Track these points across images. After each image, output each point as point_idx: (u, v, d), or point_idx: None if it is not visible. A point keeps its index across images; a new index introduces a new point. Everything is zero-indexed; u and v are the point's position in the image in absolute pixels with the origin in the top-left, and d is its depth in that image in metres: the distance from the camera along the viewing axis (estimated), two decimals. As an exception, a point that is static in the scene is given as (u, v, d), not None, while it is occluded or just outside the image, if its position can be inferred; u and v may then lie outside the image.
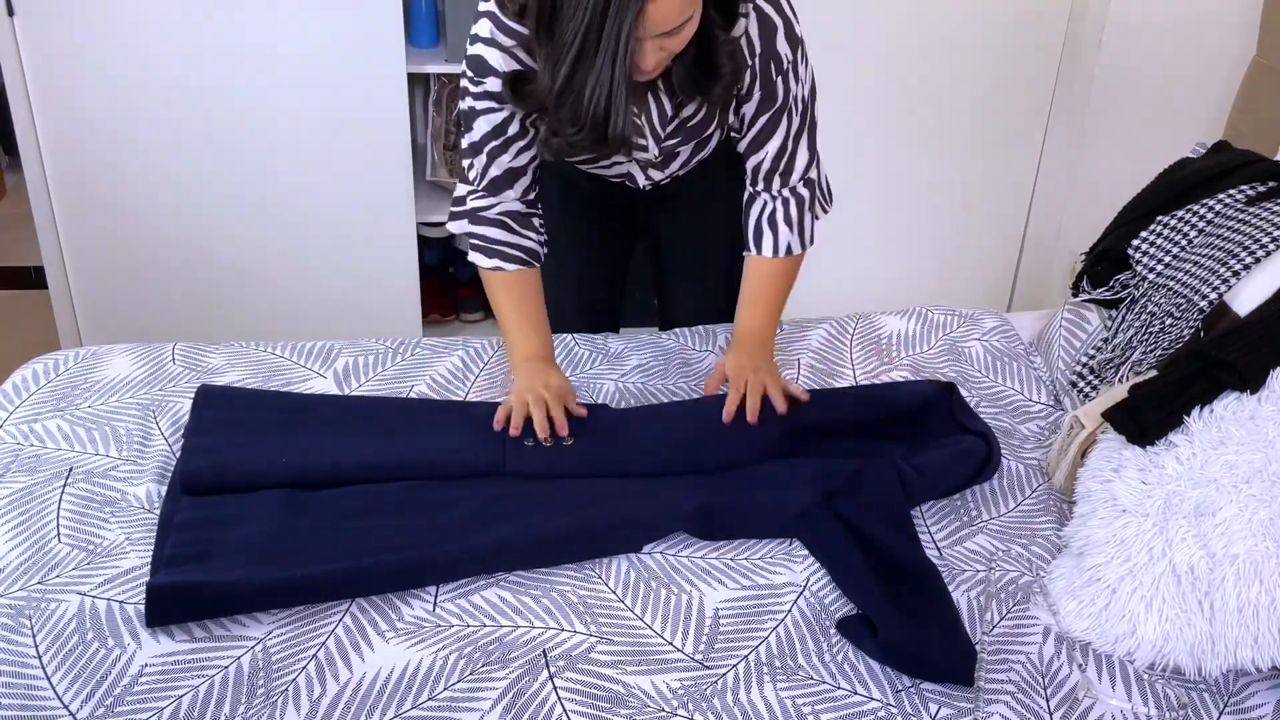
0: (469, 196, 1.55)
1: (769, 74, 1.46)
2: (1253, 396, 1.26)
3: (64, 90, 2.30)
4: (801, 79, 1.50)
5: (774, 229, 1.59)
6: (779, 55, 1.45)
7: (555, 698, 1.18)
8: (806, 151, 1.56)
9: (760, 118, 1.51)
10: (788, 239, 1.59)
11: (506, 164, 1.51)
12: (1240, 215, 1.56)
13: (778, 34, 1.43)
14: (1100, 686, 1.23)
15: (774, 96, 1.49)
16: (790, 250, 1.59)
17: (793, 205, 1.58)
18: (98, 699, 1.15)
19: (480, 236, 1.55)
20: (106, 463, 1.47)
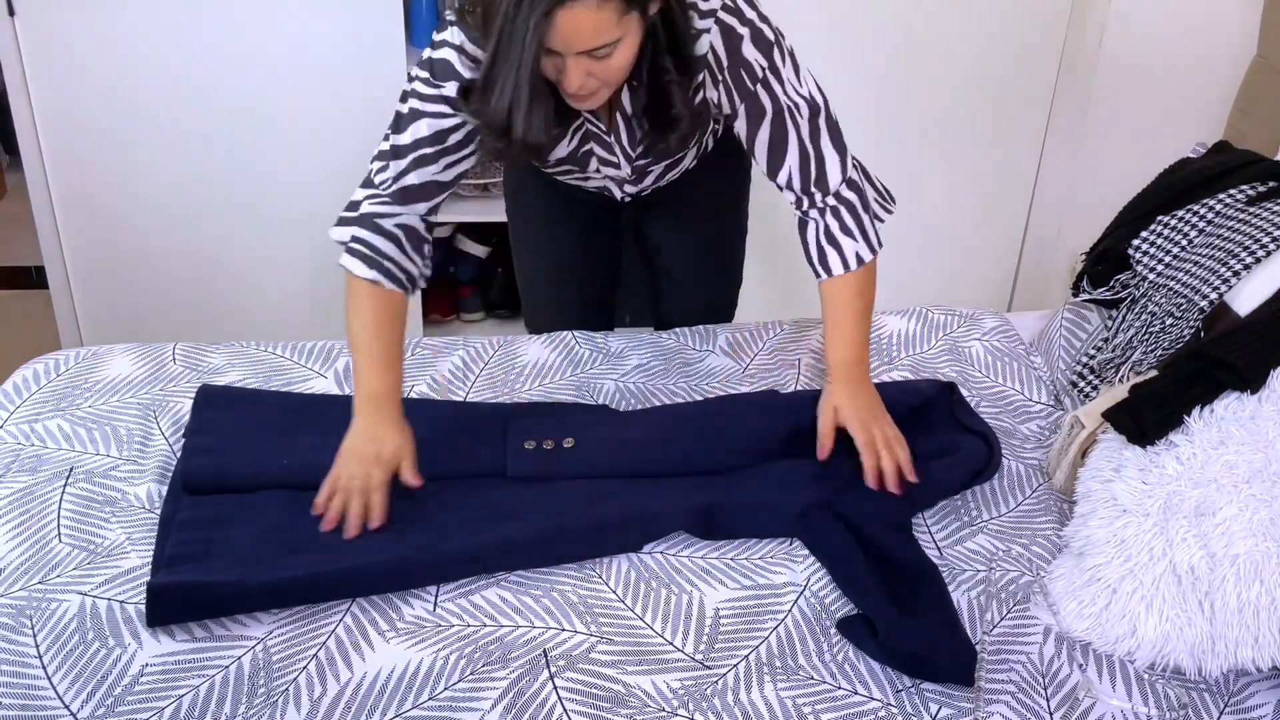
0: (367, 200, 1.45)
1: (744, 85, 1.41)
2: (1253, 396, 1.26)
3: (64, 90, 2.30)
4: (790, 81, 1.44)
5: (835, 244, 1.50)
6: (749, 63, 1.40)
7: (556, 698, 1.18)
8: (835, 153, 1.48)
9: (760, 133, 1.45)
10: (854, 249, 1.50)
11: (429, 176, 1.43)
12: (1240, 215, 1.56)
13: (743, 42, 1.39)
14: (1101, 686, 1.23)
15: (761, 107, 1.43)
16: (861, 260, 1.50)
17: (844, 213, 1.50)
18: (98, 699, 1.15)
19: (367, 243, 1.43)
20: (107, 463, 1.47)
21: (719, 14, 1.37)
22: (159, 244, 2.47)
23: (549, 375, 1.67)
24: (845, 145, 1.50)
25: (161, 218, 2.45)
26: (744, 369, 1.70)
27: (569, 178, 1.63)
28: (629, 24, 1.26)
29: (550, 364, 1.69)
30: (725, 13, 1.38)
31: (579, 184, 1.66)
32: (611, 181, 1.62)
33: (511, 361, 1.70)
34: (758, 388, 1.65)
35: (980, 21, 2.46)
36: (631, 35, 1.28)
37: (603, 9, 1.22)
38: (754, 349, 1.75)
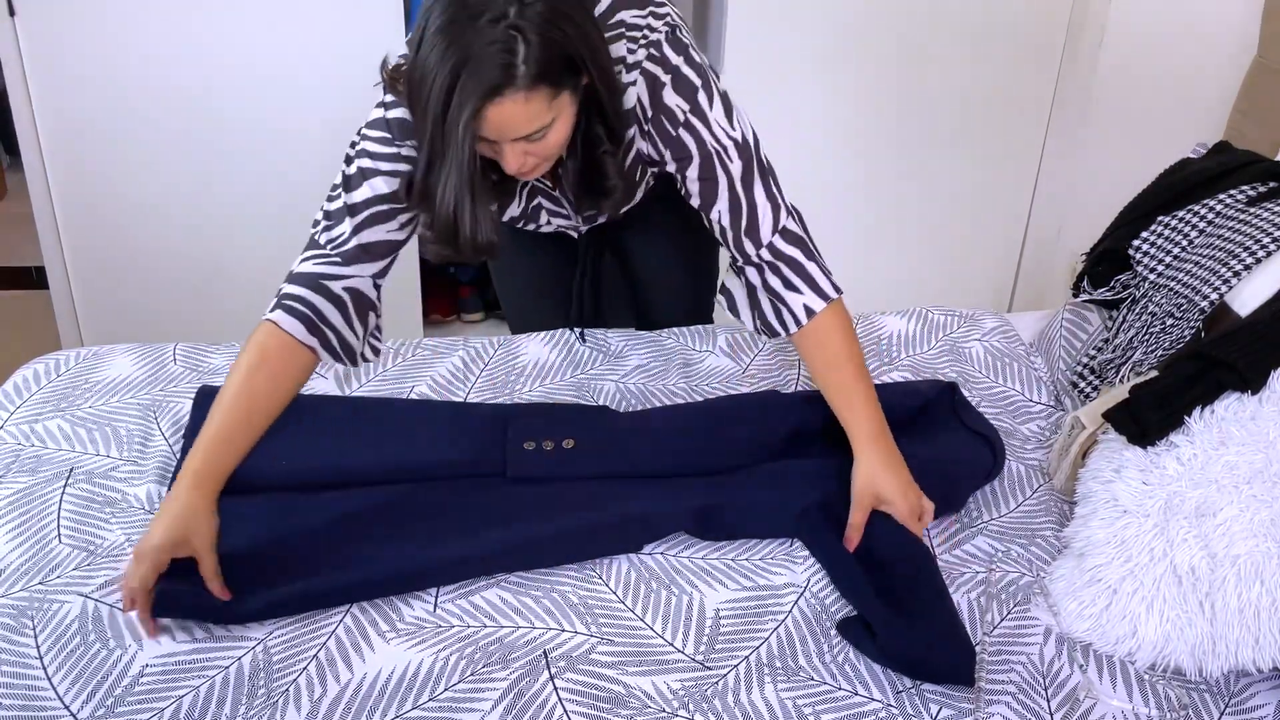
0: (311, 262, 1.36)
1: (665, 130, 1.37)
2: (1254, 397, 1.26)
3: (65, 90, 2.30)
4: (718, 123, 1.37)
5: (783, 301, 1.42)
6: (669, 109, 1.35)
7: (556, 698, 1.18)
8: (766, 201, 1.39)
9: (690, 173, 1.39)
10: (801, 301, 1.41)
11: (383, 234, 1.35)
12: (1241, 216, 1.56)
13: (664, 89, 1.34)
14: (1101, 687, 1.23)
15: (686, 151, 1.37)
16: (810, 311, 1.41)
17: (784, 268, 1.41)
18: (98, 699, 1.15)
19: (310, 304, 1.33)
20: (107, 463, 1.47)
21: (644, 64, 1.34)
22: (159, 244, 2.48)
23: (549, 376, 1.67)
24: (779, 197, 1.41)
25: (162, 218, 2.45)
26: (744, 369, 1.70)
27: (523, 227, 1.63)
28: (561, 104, 1.23)
29: (550, 364, 1.69)
30: (650, 62, 1.34)
31: (535, 228, 1.65)
32: (565, 228, 1.63)
33: (512, 362, 1.70)
34: (758, 388, 1.65)
35: (981, 22, 2.46)
36: (565, 113, 1.25)
37: (532, 99, 1.19)
38: (754, 349, 1.75)
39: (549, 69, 1.19)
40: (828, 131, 2.54)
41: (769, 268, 1.42)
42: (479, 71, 1.15)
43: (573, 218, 1.57)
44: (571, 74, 1.23)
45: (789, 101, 2.48)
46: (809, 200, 2.56)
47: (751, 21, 2.37)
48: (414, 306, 2.63)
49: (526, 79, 1.18)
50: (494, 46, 1.15)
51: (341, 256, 1.36)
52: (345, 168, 1.37)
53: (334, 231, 1.36)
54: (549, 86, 1.20)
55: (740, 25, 2.37)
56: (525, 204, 1.54)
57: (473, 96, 1.16)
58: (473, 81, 1.16)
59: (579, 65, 1.23)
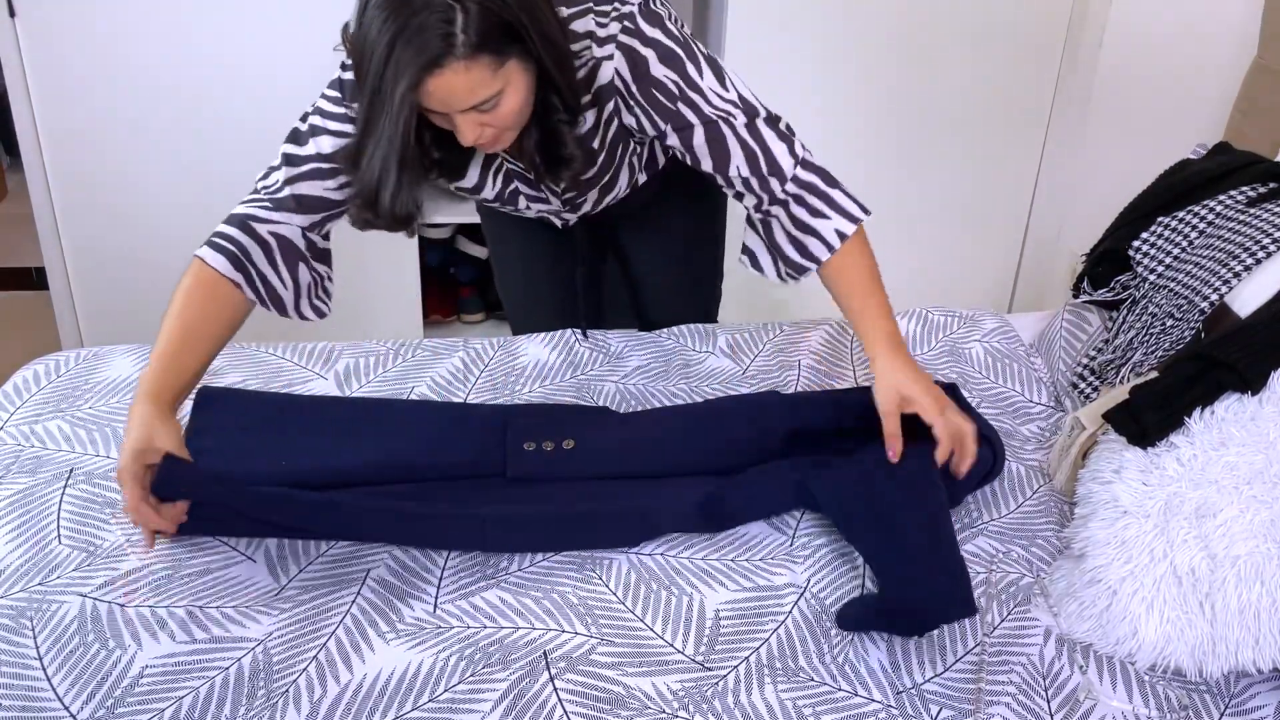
0: (245, 204, 1.41)
1: (662, 105, 1.37)
2: (1254, 398, 1.26)
3: (65, 91, 2.30)
4: (713, 90, 1.38)
5: (810, 231, 1.43)
6: (660, 82, 1.36)
7: (556, 699, 1.18)
8: (780, 141, 1.41)
9: (696, 141, 1.40)
10: (832, 227, 1.42)
11: (320, 190, 1.38)
12: (1241, 216, 1.56)
13: (650, 63, 1.34)
14: (1101, 688, 1.23)
15: (687, 121, 1.38)
16: (843, 235, 1.42)
17: (808, 197, 1.42)
18: (98, 700, 1.15)
19: (237, 243, 1.37)
20: (107, 464, 1.47)
21: (619, 38, 1.33)
22: (159, 245, 2.48)
23: (549, 376, 1.67)
24: (790, 132, 1.43)
25: (162, 219, 2.45)
26: (744, 370, 1.70)
27: (506, 210, 1.63)
28: (509, 73, 1.23)
29: (550, 365, 1.69)
30: (626, 35, 1.34)
31: (521, 214, 1.65)
32: (547, 214, 1.62)
33: (512, 363, 1.70)
34: (758, 389, 1.65)
35: (981, 23, 2.46)
36: (516, 82, 1.25)
37: (473, 68, 1.19)
38: (754, 350, 1.75)
39: (489, 38, 1.19)
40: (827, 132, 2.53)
41: (794, 200, 1.43)
42: (417, 42, 1.16)
43: (551, 201, 1.56)
44: (516, 42, 1.23)
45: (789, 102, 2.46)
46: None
47: (751, 21, 2.37)
48: (414, 307, 2.63)
49: (466, 48, 1.17)
50: (433, 17, 1.15)
51: (271, 202, 1.40)
52: (299, 122, 1.40)
53: (270, 179, 1.40)
54: (491, 55, 1.20)
55: (740, 25, 2.37)
56: (502, 187, 1.53)
57: (410, 68, 1.17)
58: (410, 52, 1.16)
59: (521, 34, 1.22)
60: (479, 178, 1.51)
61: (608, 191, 1.57)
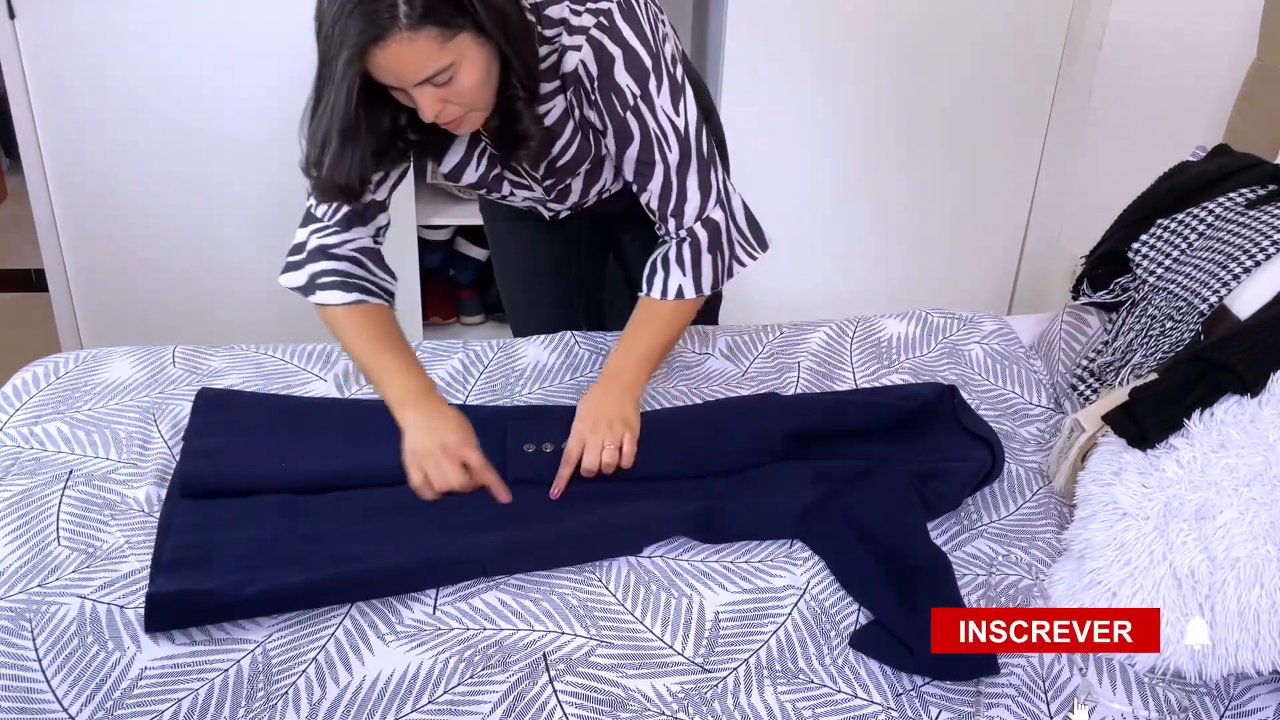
0: (314, 235, 1.46)
1: (613, 107, 1.38)
2: (1253, 400, 1.26)
3: (65, 93, 2.30)
4: (664, 109, 1.39)
5: (666, 269, 1.50)
6: (620, 88, 1.36)
7: (555, 701, 1.17)
8: (698, 190, 1.45)
9: (626, 153, 1.43)
10: (679, 281, 1.49)
11: (368, 198, 1.43)
12: (1240, 219, 1.56)
13: (615, 66, 1.35)
14: (1101, 690, 1.22)
15: (629, 131, 1.40)
16: (681, 293, 1.49)
17: (686, 248, 1.48)
18: (97, 702, 1.15)
19: (335, 272, 1.44)
20: (106, 465, 1.47)
21: (591, 31, 1.34)
22: (159, 247, 2.48)
23: (548, 378, 1.67)
24: (712, 184, 1.47)
25: (161, 221, 2.45)
26: (744, 372, 1.70)
27: (492, 197, 1.63)
28: (461, 46, 1.23)
29: (550, 367, 1.69)
30: (599, 31, 1.34)
31: (510, 204, 1.65)
32: (532, 202, 1.62)
33: (511, 364, 1.70)
34: (757, 390, 1.65)
35: (980, 27, 2.46)
36: (471, 57, 1.25)
37: (418, 40, 1.20)
38: (753, 352, 1.75)
39: (434, 10, 1.20)
40: (827, 133, 2.53)
41: (675, 241, 1.50)
42: (363, 13, 1.18)
43: (535, 189, 1.56)
44: (463, 15, 1.23)
45: (789, 102, 2.48)
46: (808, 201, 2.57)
47: (751, 22, 2.37)
48: (414, 309, 2.63)
49: (410, 20, 1.19)
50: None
51: (337, 225, 1.45)
52: None
53: (323, 207, 1.44)
54: (437, 27, 1.20)
55: (740, 26, 2.37)
56: (485, 171, 1.54)
57: (354, 38, 1.18)
58: (355, 24, 1.18)
59: (468, 6, 1.22)
60: (461, 158, 1.51)
61: (593, 181, 1.58)
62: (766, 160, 2.47)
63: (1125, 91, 2.55)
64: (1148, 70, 2.53)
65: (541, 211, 1.66)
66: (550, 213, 1.67)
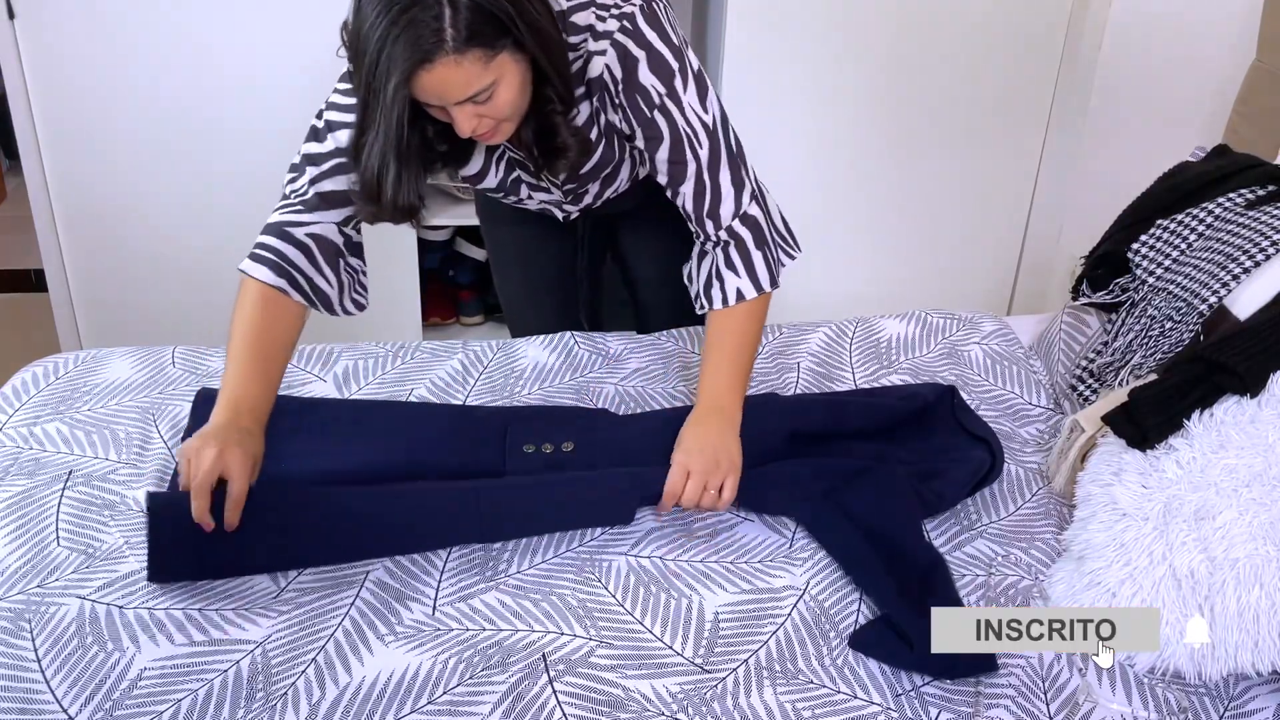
0: (278, 211, 1.43)
1: (639, 109, 1.38)
2: (1253, 400, 1.26)
3: (64, 93, 2.30)
4: (691, 106, 1.39)
5: (720, 278, 1.48)
6: (644, 88, 1.36)
7: (555, 701, 1.17)
8: (731, 188, 1.44)
9: (658, 155, 1.42)
10: (736, 284, 1.47)
11: (343, 184, 1.40)
12: (1240, 219, 1.56)
13: (639, 66, 1.35)
14: (1100, 690, 1.22)
15: (658, 132, 1.40)
16: (741, 295, 1.47)
17: (733, 248, 1.47)
18: (96, 703, 1.15)
19: (276, 251, 1.40)
20: (106, 466, 1.47)
21: (615, 36, 1.34)
22: (158, 247, 2.48)
23: (548, 379, 1.67)
24: (744, 179, 1.46)
25: (161, 221, 2.45)
26: (743, 372, 1.70)
27: (507, 201, 1.63)
28: (502, 65, 1.24)
29: (549, 367, 1.69)
30: (622, 35, 1.34)
31: (522, 206, 1.65)
32: (549, 204, 1.63)
33: (511, 365, 1.70)
34: (757, 391, 1.65)
35: (980, 26, 2.46)
36: (509, 74, 1.26)
37: (464, 62, 1.20)
38: (753, 352, 1.75)
39: (478, 31, 1.20)
40: (826, 132, 2.54)
41: (723, 246, 1.48)
42: (408, 38, 1.17)
43: (553, 192, 1.57)
44: (505, 34, 1.24)
45: (788, 102, 2.48)
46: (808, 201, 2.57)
47: (751, 22, 2.37)
48: (413, 309, 2.63)
49: (457, 43, 1.19)
50: (423, 13, 1.17)
51: (303, 204, 1.42)
52: (315, 119, 1.42)
53: (298, 182, 1.42)
54: (482, 48, 1.21)
55: (740, 25, 2.37)
56: (504, 175, 1.54)
57: (402, 63, 1.18)
58: (401, 48, 1.18)
59: (509, 26, 1.23)
60: (482, 164, 1.52)
61: (609, 184, 1.58)
62: (766, 160, 2.46)
63: (1125, 92, 2.55)
64: (1147, 71, 2.53)
65: (555, 213, 1.67)
66: (564, 214, 1.67)
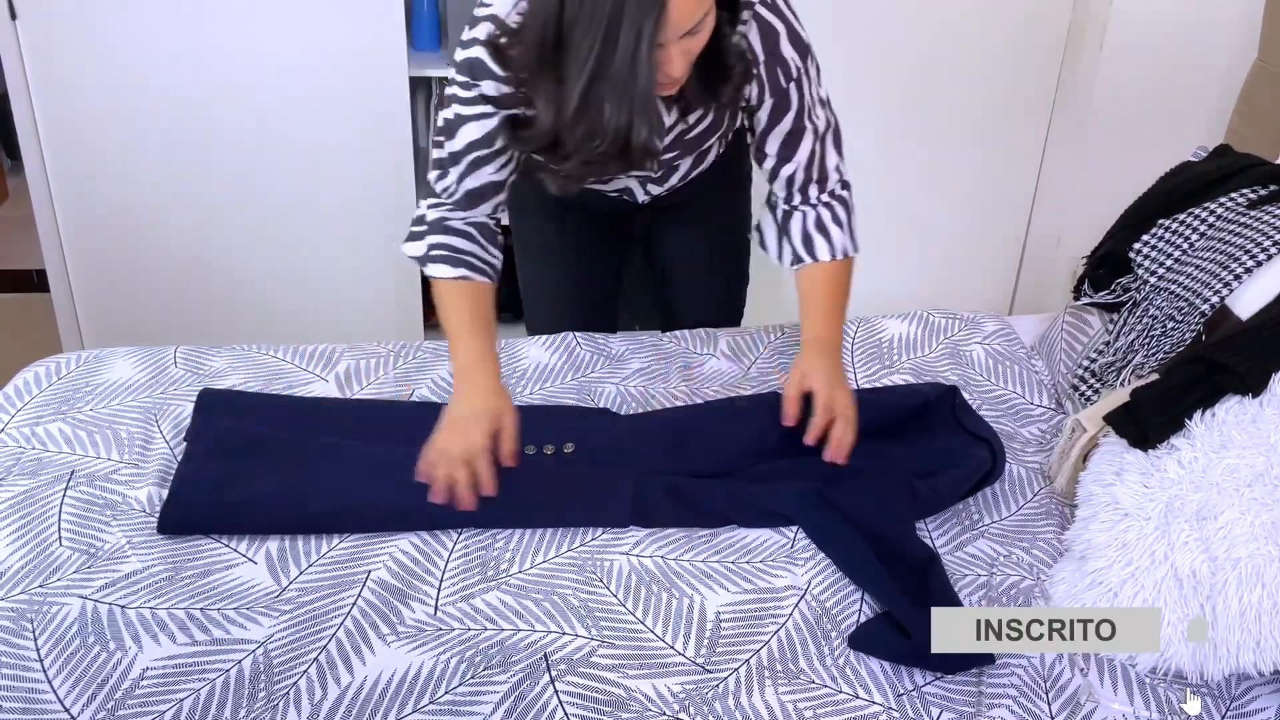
0: (432, 209, 1.50)
1: (777, 81, 1.44)
2: (1254, 400, 1.26)
3: (66, 93, 2.30)
4: (815, 81, 1.48)
5: (825, 233, 1.55)
6: (785, 61, 1.43)
7: (556, 701, 1.18)
8: (835, 154, 1.54)
9: (778, 127, 1.49)
10: (843, 242, 1.56)
11: (487, 177, 1.46)
12: (1241, 219, 1.56)
13: (780, 39, 1.42)
14: (1102, 690, 1.22)
15: (787, 103, 1.46)
16: (846, 252, 1.56)
17: (839, 208, 1.56)
18: (99, 702, 1.15)
19: (446, 246, 1.49)
20: (108, 466, 1.47)
21: (757, 8, 1.40)
22: (160, 247, 2.48)
23: (550, 379, 1.67)
24: (842, 149, 1.56)
25: (163, 221, 2.45)
26: (745, 372, 1.70)
27: (590, 181, 1.63)
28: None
29: (551, 367, 1.69)
30: (764, 8, 1.40)
31: (599, 188, 1.66)
32: (636, 181, 1.63)
33: (513, 365, 1.70)
34: (759, 390, 1.65)
35: (981, 26, 2.46)
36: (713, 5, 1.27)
37: None
38: (755, 352, 1.75)
39: None
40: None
41: (824, 205, 1.55)
42: None
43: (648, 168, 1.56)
44: None
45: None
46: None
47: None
48: (415, 309, 2.63)
49: None
50: None
51: (454, 203, 1.49)
52: (442, 111, 1.45)
53: (446, 180, 1.48)
54: None
55: (741, 28, 2.37)
56: None
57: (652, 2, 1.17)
58: None
59: None
60: None
61: (700, 162, 1.64)
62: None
63: (1126, 92, 2.55)
64: (1149, 71, 2.53)
65: (635, 194, 1.68)
66: (645, 195, 1.69)
